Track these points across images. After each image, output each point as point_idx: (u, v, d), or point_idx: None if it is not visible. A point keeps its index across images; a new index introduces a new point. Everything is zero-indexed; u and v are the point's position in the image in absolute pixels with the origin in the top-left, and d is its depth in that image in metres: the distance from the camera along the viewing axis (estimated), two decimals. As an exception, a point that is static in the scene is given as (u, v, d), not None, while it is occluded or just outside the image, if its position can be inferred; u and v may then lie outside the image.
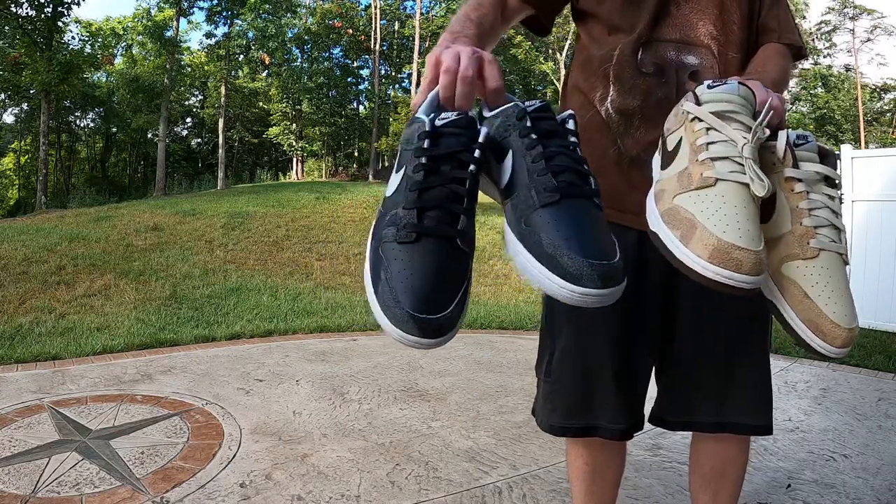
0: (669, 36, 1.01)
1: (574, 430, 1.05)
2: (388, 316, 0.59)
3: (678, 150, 0.74)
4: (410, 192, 0.63)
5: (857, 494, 1.84)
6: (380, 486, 1.86)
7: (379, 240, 0.64)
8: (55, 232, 7.77)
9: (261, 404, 2.64)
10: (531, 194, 0.65)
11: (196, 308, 5.24)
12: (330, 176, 25.75)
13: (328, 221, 9.89)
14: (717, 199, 0.66)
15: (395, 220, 0.63)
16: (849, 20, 27.73)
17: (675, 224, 0.68)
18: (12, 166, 25.55)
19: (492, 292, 6.93)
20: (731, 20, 1.02)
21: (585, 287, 0.58)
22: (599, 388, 1.03)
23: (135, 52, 22.48)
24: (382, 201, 0.68)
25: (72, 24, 16.13)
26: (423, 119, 0.66)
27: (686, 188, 0.70)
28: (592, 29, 1.07)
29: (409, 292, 0.59)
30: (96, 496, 1.74)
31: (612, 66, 1.02)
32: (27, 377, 2.98)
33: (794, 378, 3.25)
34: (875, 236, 4.74)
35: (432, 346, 0.59)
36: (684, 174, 0.71)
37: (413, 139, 0.65)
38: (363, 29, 25.62)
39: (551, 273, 0.60)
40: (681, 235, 0.66)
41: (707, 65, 1.00)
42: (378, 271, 0.62)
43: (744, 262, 0.62)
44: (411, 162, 0.64)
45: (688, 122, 0.74)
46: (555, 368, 1.06)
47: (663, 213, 0.71)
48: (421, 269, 0.60)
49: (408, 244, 0.61)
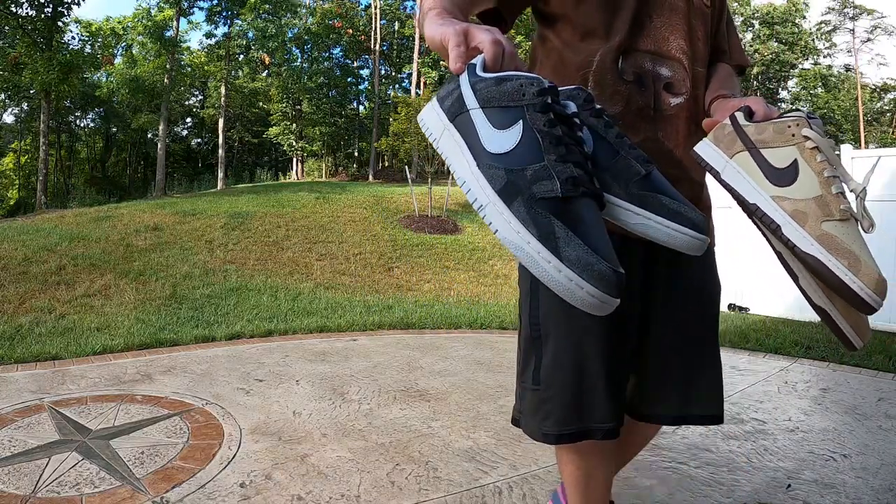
0: (645, 47, 1.05)
1: (569, 436, 1.04)
2: (586, 275, 0.54)
3: (797, 170, 0.87)
4: (557, 146, 0.61)
5: (857, 494, 1.84)
6: (380, 486, 1.86)
7: (531, 197, 0.59)
8: (55, 232, 7.77)
9: (261, 404, 2.64)
10: (631, 164, 0.76)
11: (196, 308, 5.24)
12: (330, 176, 25.76)
13: (328, 221, 9.89)
14: (856, 234, 0.83)
15: (548, 174, 0.59)
16: (849, 20, 27.74)
17: (839, 253, 0.82)
18: (12, 166, 25.56)
19: (492, 292, 6.94)
20: (697, 37, 1.10)
21: (702, 233, 0.74)
22: (591, 392, 1.03)
23: (135, 52, 22.46)
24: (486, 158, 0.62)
25: (72, 24, 16.17)
26: (529, 76, 0.64)
27: (829, 217, 0.83)
28: (563, 32, 1.08)
29: (601, 248, 0.56)
30: (96, 496, 1.74)
31: (591, 71, 1.04)
32: (27, 377, 2.98)
33: (794, 378, 3.25)
34: (875, 236, 4.73)
35: (613, 308, 0.56)
36: (822, 201, 0.84)
37: (524, 95, 0.62)
38: (363, 29, 25.63)
39: (678, 224, 0.74)
40: (848, 266, 0.81)
41: (679, 77, 1.07)
42: (550, 230, 0.56)
43: (885, 289, 0.80)
44: (535, 118, 0.62)
45: (807, 149, 0.87)
46: (544, 376, 1.05)
47: (818, 237, 0.83)
48: (597, 225, 0.59)
49: (574, 199, 0.59)
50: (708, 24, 1.13)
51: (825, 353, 3.78)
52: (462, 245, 9.17)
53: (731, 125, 0.95)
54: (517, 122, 0.62)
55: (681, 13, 1.08)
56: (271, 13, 19.62)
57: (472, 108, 0.65)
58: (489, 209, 0.60)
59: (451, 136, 0.66)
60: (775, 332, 4.37)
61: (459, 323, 4.75)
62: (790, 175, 0.87)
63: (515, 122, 0.62)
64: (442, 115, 0.68)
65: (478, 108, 0.64)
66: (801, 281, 0.92)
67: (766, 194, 0.88)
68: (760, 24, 28.98)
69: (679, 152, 1.07)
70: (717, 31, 1.18)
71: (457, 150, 0.65)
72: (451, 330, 4.56)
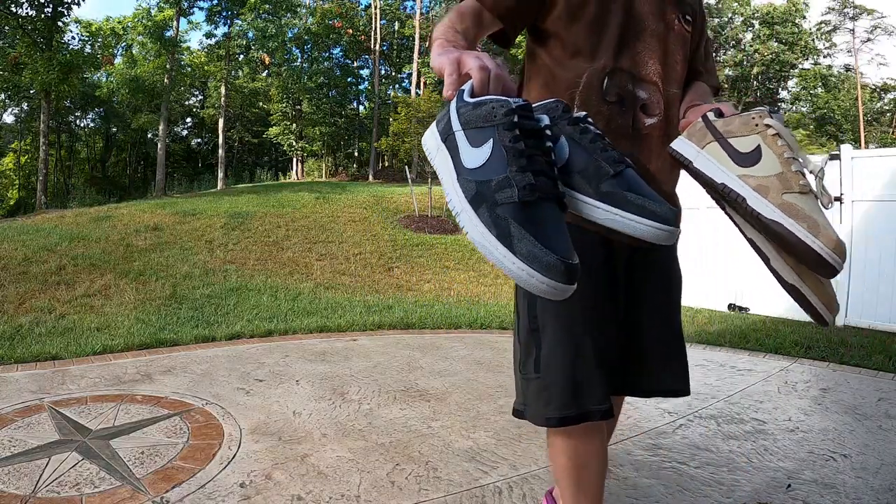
0: (626, 68, 1.13)
1: (570, 419, 1.11)
2: (535, 266, 0.63)
3: (760, 153, 0.97)
4: (518, 158, 0.70)
5: (857, 494, 1.84)
6: (380, 486, 1.86)
7: (494, 203, 0.68)
8: (55, 232, 7.77)
9: (261, 404, 2.64)
10: (601, 165, 0.84)
11: (196, 308, 5.24)
12: (330, 176, 25.76)
13: (328, 221, 9.89)
14: (815, 206, 0.91)
15: (508, 183, 0.68)
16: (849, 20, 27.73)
17: (800, 218, 0.90)
18: (12, 166, 25.55)
19: (492, 292, 6.93)
20: (675, 60, 1.19)
21: (670, 225, 0.80)
22: (587, 376, 1.10)
23: (135, 52, 22.45)
24: (464, 173, 0.72)
25: (72, 24, 16.14)
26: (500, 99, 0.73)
27: (790, 190, 0.92)
28: (553, 49, 1.16)
29: (554, 243, 0.65)
30: (96, 496, 1.74)
31: (578, 91, 1.12)
32: (27, 377, 2.98)
33: (794, 378, 3.25)
34: (875, 236, 4.74)
35: (568, 293, 0.65)
36: (783, 177, 0.93)
37: (496, 116, 0.72)
38: (363, 29, 25.64)
39: (641, 217, 0.80)
40: (808, 227, 0.89)
41: (654, 100, 1.15)
42: (507, 229, 0.66)
43: (845, 252, 0.88)
44: (503, 134, 0.71)
45: (769, 135, 0.97)
46: (544, 364, 1.13)
47: (780, 205, 0.92)
48: (554, 224, 0.68)
49: (531, 203, 0.68)
50: (687, 48, 1.21)
51: (825, 353, 3.78)
52: (462, 245, 9.17)
53: (703, 122, 1.06)
54: (489, 139, 0.72)
55: (659, 38, 1.16)
56: (271, 13, 19.61)
57: (456, 130, 0.74)
58: (462, 215, 0.70)
59: (443, 154, 0.76)
60: (775, 332, 4.37)
61: (459, 323, 4.75)
62: (754, 157, 0.98)
63: (487, 140, 0.72)
64: (437, 136, 0.78)
65: (461, 129, 0.74)
66: (773, 262, 1.01)
67: (732, 174, 0.99)
68: (760, 24, 28.98)
69: (652, 167, 1.16)
70: (696, 53, 1.28)
71: (446, 166, 0.75)
72: (451, 330, 4.56)
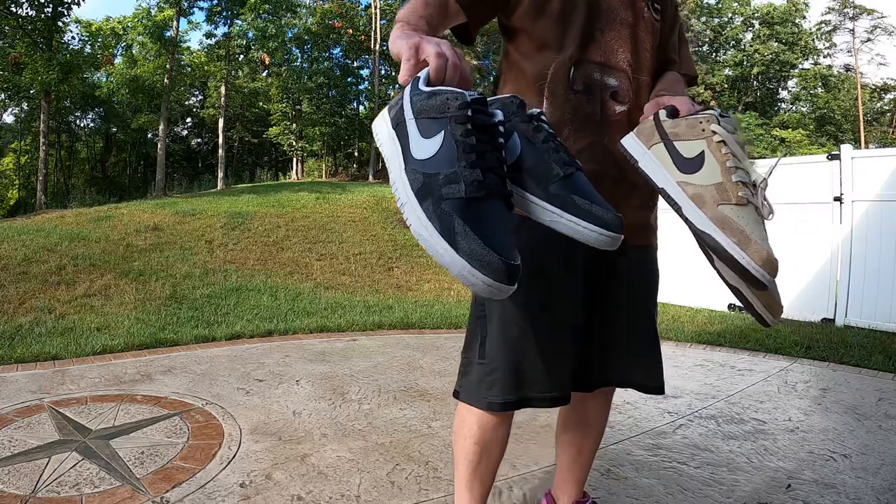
0: (595, 58, 1.15)
1: (512, 404, 1.14)
2: (477, 265, 0.62)
3: (702, 160, 0.97)
4: (468, 153, 0.68)
5: (857, 494, 1.84)
6: (380, 486, 1.86)
7: (440, 197, 0.66)
8: (55, 232, 7.77)
9: (261, 404, 2.63)
10: (552, 166, 0.82)
11: (196, 308, 5.24)
12: (330, 176, 25.75)
13: (328, 221, 9.89)
14: (751, 217, 0.90)
15: (456, 178, 0.66)
16: (849, 20, 27.74)
17: (731, 232, 0.90)
18: (12, 166, 25.55)
19: (492, 292, 6.94)
20: (645, 48, 1.21)
21: (613, 231, 0.80)
22: (531, 365, 1.13)
23: (135, 52, 22.41)
24: (412, 163, 0.69)
25: (72, 24, 16.13)
26: (455, 91, 0.71)
27: (727, 201, 0.92)
28: (521, 44, 1.18)
29: (497, 242, 0.63)
30: (96, 496, 1.74)
31: (546, 83, 1.14)
32: (27, 377, 2.98)
33: (794, 378, 3.25)
34: (875, 236, 4.74)
35: (508, 293, 0.64)
36: (721, 188, 0.93)
37: (449, 108, 0.70)
38: (363, 29, 25.60)
39: (585, 222, 0.80)
40: (738, 242, 0.88)
41: (624, 87, 1.17)
42: (451, 225, 0.64)
43: (776, 267, 0.87)
44: (456, 128, 0.69)
45: (714, 142, 0.96)
46: (489, 351, 1.16)
47: (713, 217, 0.92)
48: (499, 222, 0.67)
49: (477, 200, 0.66)
50: (657, 37, 1.23)
51: (825, 353, 3.78)
52: (462, 245, 9.16)
53: (653, 121, 1.06)
54: (440, 131, 0.70)
55: (629, 26, 1.18)
56: (271, 13, 19.59)
57: (408, 118, 0.72)
58: (406, 207, 0.68)
59: (392, 142, 0.73)
60: (775, 332, 4.37)
61: (459, 323, 4.75)
62: (697, 163, 0.98)
63: (439, 131, 0.70)
64: (388, 122, 0.75)
65: (413, 118, 0.72)
66: (716, 262, 1.02)
67: (672, 179, 1.00)
68: (760, 24, 28.98)
69: (620, 154, 1.15)
70: (668, 42, 1.28)
71: (394, 155, 0.72)
72: (451, 330, 4.56)
